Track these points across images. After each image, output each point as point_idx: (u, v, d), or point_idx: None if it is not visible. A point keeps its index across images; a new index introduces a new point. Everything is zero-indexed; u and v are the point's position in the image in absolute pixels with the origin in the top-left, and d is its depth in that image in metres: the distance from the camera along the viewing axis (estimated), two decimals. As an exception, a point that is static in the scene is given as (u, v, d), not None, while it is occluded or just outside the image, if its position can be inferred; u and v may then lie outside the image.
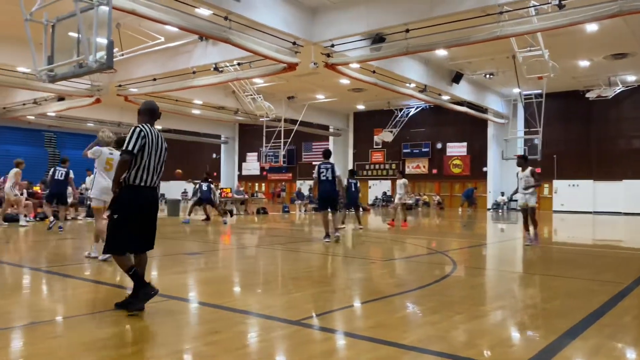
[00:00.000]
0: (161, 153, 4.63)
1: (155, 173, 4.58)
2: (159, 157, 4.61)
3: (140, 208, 4.55)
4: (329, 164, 10.33)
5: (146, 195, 4.56)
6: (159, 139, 4.61)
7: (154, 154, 4.54)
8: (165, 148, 4.72)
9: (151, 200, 4.62)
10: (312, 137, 35.74)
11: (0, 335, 3.91)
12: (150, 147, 4.50)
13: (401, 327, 4.23)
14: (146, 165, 4.50)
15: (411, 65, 20.49)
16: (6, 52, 17.63)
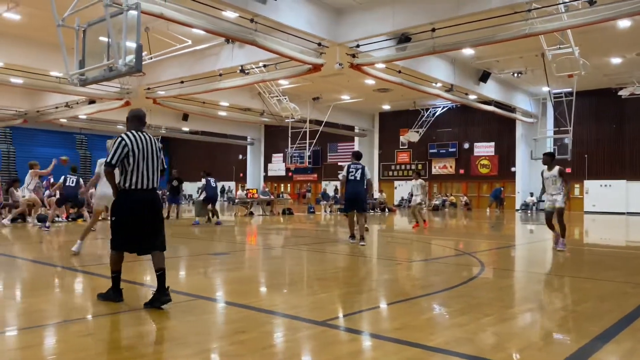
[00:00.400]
0: (151, 155, 4.75)
1: (147, 175, 4.71)
2: (150, 160, 4.74)
3: (131, 211, 4.69)
4: (359, 165, 10.09)
5: (138, 197, 4.69)
6: (147, 143, 4.74)
7: (142, 158, 4.67)
8: (157, 149, 4.83)
9: (145, 202, 4.73)
10: (338, 137, 35.72)
11: (34, 333, 4.02)
12: (136, 153, 4.64)
13: (428, 328, 4.19)
14: (134, 169, 4.65)
15: (437, 65, 20.30)
16: (40, 57, 18.14)
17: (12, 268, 7.23)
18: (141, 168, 4.67)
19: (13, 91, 24.97)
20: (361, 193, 10.02)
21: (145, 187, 4.70)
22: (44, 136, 37.15)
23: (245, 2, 12.64)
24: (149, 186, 4.73)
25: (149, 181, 4.73)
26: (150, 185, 4.74)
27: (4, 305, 5.02)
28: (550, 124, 27.07)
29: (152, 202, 4.79)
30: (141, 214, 4.71)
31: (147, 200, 4.75)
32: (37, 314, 4.62)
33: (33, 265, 7.38)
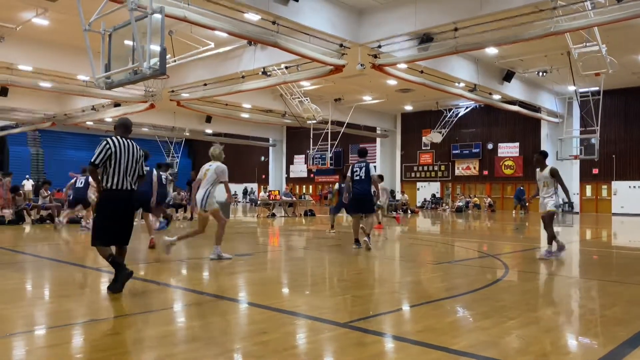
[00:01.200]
0: (131, 159, 5.33)
1: (126, 177, 5.30)
2: (130, 163, 5.32)
3: (113, 208, 5.30)
4: (362, 162, 9.35)
5: (119, 197, 5.29)
6: (129, 148, 5.35)
7: (123, 161, 5.26)
8: (138, 156, 5.43)
9: (124, 201, 5.33)
10: (359, 139, 35.64)
11: (62, 332, 4.11)
12: (117, 156, 5.23)
13: (451, 331, 4.15)
14: (116, 171, 5.23)
15: (460, 64, 20.11)
16: (67, 62, 18.54)
17: (47, 268, 7.39)
18: (122, 170, 5.24)
19: (42, 95, 25.58)
20: (368, 193, 9.36)
21: (123, 187, 5.27)
22: (72, 139, 37.95)
23: (267, 4, 12.72)
24: (127, 187, 5.31)
25: (127, 183, 5.31)
26: (128, 186, 5.32)
27: (33, 305, 5.14)
28: (577, 124, 26.57)
29: (128, 202, 5.38)
30: (121, 212, 5.33)
31: (125, 200, 5.34)
32: (65, 314, 4.72)
33: (60, 266, 7.54)
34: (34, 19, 15.53)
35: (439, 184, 34.05)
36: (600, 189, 28.44)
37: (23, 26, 16.16)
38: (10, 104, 25.95)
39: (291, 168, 41.81)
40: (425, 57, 16.52)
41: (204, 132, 36.46)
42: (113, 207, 5.31)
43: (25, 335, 4.00)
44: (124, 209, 5.37)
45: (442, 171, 33.87)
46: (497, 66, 22.04)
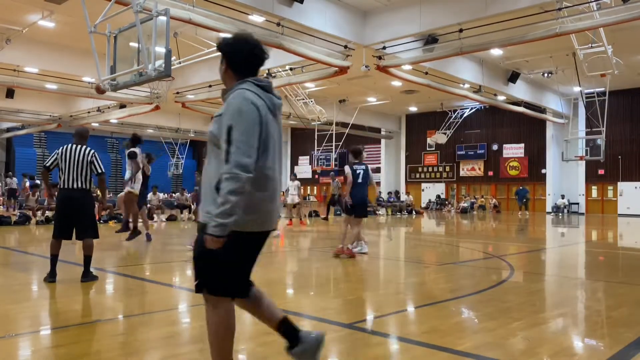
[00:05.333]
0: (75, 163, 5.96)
1: (70, 178, 5.94)
2: (74, 166, 5.96)
3: (61, 204, 6.04)
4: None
5: (64, 194, 5.99)
6: (77, 153, 5.99)
7: (66, 165, 5.94)
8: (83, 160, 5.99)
9: (68, 198, 5.99)
10: (364, 140, 35.58)
11: (67, 332, 4.13)
12: (63, 160, 5.96)
13: (456, 332, 4.14)
14: (62, 172, 5.96)
15: (465, 66, 20.07)
16: (73, 63, 18.62)
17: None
18: (66, 171, 5.96)
19: (48, 97, 25.69)
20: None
21: (68, 186, 5.95)
22: (77, 140, 38.06)
23: (272, 6, 12.74)
24: (71, 185, 5.94)
25: (74, 181, 5.95)
26: (71, 185, 5.95)
27: (38, 305, 5.17)
28: (582, 125, 26.48)
29: (73, 198, 6.00)
30: (67, 207, 6.00)
31: (71, 197, 5.99)
32: (71, 314, 4.75)
33: (65, 266, 7.57)
34: (40, 21, 15.60)
35: (444, 185, 33.98)
36: (606, 189, 28.30)
37: (29, 28, 16.24)
38: (17, 106, 26.09)
39: (296, 169, 41.83)
40: (430, 59, 16.50)
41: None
42: (60, 202, 6.05)
43: (30, 335, 4.02)
44: (68, 203, 5.99)
45: (447, 172, 33.79)
46: (502, 67, 21.98)
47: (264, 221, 2.60)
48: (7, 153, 36.61)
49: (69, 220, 6.00)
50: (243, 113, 2.43)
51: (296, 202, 17.33)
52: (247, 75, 2.60)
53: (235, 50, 2.62)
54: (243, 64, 2.60)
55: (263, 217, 2.59)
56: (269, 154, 2.55)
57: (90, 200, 6.27)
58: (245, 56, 2.60)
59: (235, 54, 2.62)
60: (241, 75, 2.60)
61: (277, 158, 2.64)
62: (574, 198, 28.76)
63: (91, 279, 6.04)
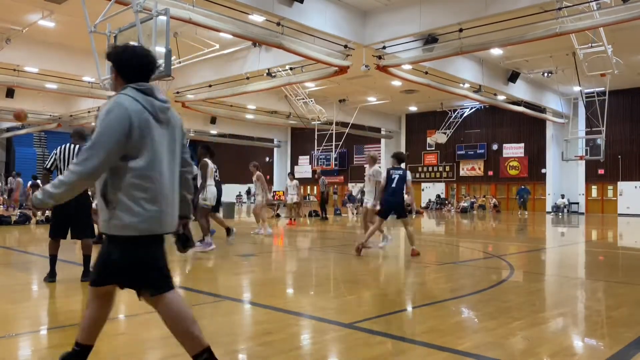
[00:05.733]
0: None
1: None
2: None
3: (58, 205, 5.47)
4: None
5: None
6: (74, 152, 5.98)
7: (65, 165, 5.93)
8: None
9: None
10: (364, 139, 35.63)
11: (67, 332, 4.13)
12: (61, 160, 5.96)
13: (456, 332, 4.14)
14: (61, 172, 5.79)
15: (465, 65, 20.08)
16: (73, 63, 18.63)
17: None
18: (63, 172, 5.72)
19: (48, 96, 25.71)
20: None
21: None
22: (77, 140, 38.05)
23: (272, 6, 12.75)
24: None
25: None
26: None
27: (38, 305, 5.17)
28: (582, 124, 26.50)
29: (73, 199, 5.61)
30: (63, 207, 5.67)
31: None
32: (70, 314, 4.75)
33: (65, 266, 7.57)
34: (40, 21, 15.61)
35: (444, 184, 33.99)
36: (606, 189, 28.31)
37: (29, 28, 16.25)
38: (17, 105, 26.01)
39: (296, 169, 41.82)
40: (430, 58, 16.52)
41: (209, 133, 36.52)
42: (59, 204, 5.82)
43: (30, 335, 4.02)
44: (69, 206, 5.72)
45: (447, 172, 33.81)
46: (502, 67, 21.99)
47: (146, 225, 2.58)
48: (7, 153, 36.61)
49: (66, 221, 6.00)
50: (109, 115, 2.50)
51: (295, 202, 17.40)
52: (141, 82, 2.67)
53: (122, 59, 2.70)
54: (131, 73, 2.68)
55: (144, 221, 2.56)
56: (148, 156, 2.56)
57: (87, 200, 6.25)
58: (133, 65, 2.68)
59: (123, 63, 2.70)
60: (127, 83, 2.67)
61: (166, 159, 2.66)
62: (574, 198, 28.78)
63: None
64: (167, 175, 2.65)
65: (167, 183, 2.65)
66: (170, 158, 2.69)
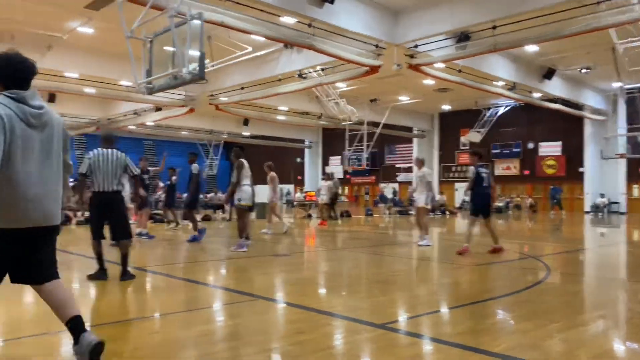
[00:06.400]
0: (110, 166, 6.16)
1: (106, 181, 6.13)
2: (110, 170, 6.16)
3: (98, 207, 6.17)
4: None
5: (101, 198, 6.13)
6: (108, 156, 6.20)
7: (101, 169, 6.11)
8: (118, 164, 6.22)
9: (105, 201, 6.15)
10: (396, 139, 35.37)
11: (105, 329, 4.26)
12: (97, 164, 6.13)
13: (491, 334, 4.08)
14: (97, 176, 6.11)
15: (499, 63, 19.70)
16: (110, 68, 19.13)
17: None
18: (102, 175, 6.12)
19: (86, 100, 26.47)
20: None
21: (104, 189, 6.11)
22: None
23: (303, 7, 12.80)
24: (107, 189, 6.13)
25: (107, 185, 6.13)
26: (108, 188, 6.13)
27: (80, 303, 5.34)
28: (623, 121, 25.62)
29: (111, 201, 6.18)
30: (105, 210, 6.16)
31: (108, 199, 6.16)
32: (109, 312, 4.89)
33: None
34: (80, 27, 16.09)
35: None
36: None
37: (69, 35, 16.77)
38: (58, 110, 26.52)
39: (327, 169, 41.85)
40: (463, 56, 16.28)
41: (242, 134, 36.94)
42: (96, 206, 6.20)
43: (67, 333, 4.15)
44: (106, 207, 6.16)
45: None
46: (538, 63, 21.47)
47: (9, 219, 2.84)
48: (48, 156, 37.89)
49: (105, 222, 6.24)
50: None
51: (326, 202, 17.37)
52: (12, 88, 2.88)
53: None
54: (6, 79, 2.89)
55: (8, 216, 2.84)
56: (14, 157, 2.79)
57: (123, 201, 6.47)
58: (8, 72, 2.90)
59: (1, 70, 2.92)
60: (6, 89, 2.88)
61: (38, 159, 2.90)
62: (614, 197, 27.86)
63: (129, 278, 6.18)
64: (36, 174, 2.90)
65: (36, 181, 2.90)
66: (44, 158, 2.95)
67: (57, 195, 3.07)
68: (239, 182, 9.13)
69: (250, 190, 9.24)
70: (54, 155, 3.01)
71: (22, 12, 14.90)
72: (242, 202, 9.19)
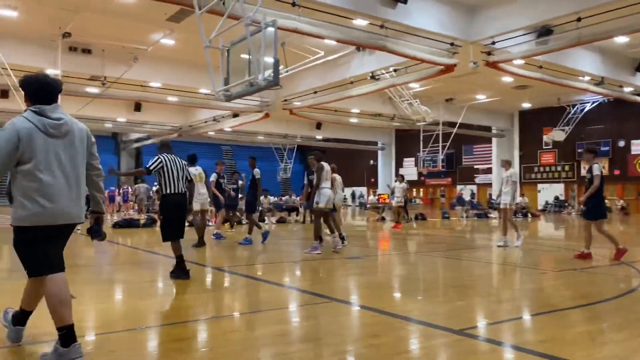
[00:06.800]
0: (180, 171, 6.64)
1: (180, 184, 6.57)
2: (180, 173, 6.63)
3: (175, 207, 6.57)
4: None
5: (177, 199, 6.56)
6: (175, 161, 6.64)
7: (172, 172, 6.53)
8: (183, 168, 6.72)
9: (180, 202, 6.61)
10: (473, 139, 34.31)
11: (186, 327, 4.45)
12: (169, 168, 6.52)
13: (578, 343, 3.85)
14: (170, 179, 6.51)
15: (584, 56, 18.57)
16: (190, 77, 20.07)
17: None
18: (174, 178, 6.56)
19: (169, 109, 27.93)
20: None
21: (177, 191, 6.56)
22: (195, 148, 40.71)
23: (375, 9, 12.75)
24: (180, 191, 6.60)
25: (180, 187, 6.59)
26: (180, 190, 6.59)
27: (163, 301, 5.62)
28: None
29: (181, 203, 6.65)
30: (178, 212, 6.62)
31: (180, 201, 6.62)
32: (190, 310, 5.11)
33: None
34: (162, 39, 17.01)
35: (563, 185, 31.68)
36: None
37: (153, 47, 17.78)
38: (143, 118, 28.65)
39: (400, 171, 41.34)
40: (544, 51, 15.49)
41: (315, 138, 37.38)
42: (175, 207, 6.59)
43: (156, 329, 4.38)
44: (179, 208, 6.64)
45: (566, 172, 31.47)
46: (628, 56, 20.02)
47: (37, 217, 3.17)
48: (136, 161, 40.25)
49: (180, 224, 6.68)
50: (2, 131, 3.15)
51: (400, 204, 17.07)
52: (39, 104, 3.29)
53: (26, 86, 3.36)
54: (34, 96, 3.32)
55: (35, 214, 3.16)
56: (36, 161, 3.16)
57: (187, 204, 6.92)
58: (33, 90, 3.33)
59: (27, 89, 3.36)
60: (34, 104, 3.30)
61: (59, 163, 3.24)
62: None
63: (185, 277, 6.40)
64: (61, 176, 3.24)
65: (60, 183, 3.23)
66: (67, 162, 3.29)
67: (80, 197, 3.39)
68: (319, 185, 9.29)
69: (329, 193, 9.36)
70: (77, 160, 3.36)
71: (112, 27, 15.98)
72: (320, 205, 9.29)
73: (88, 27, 15.82)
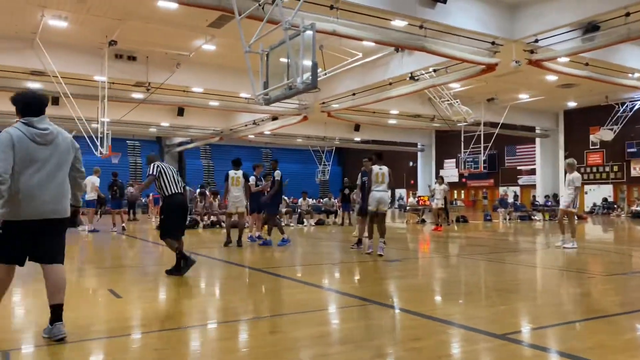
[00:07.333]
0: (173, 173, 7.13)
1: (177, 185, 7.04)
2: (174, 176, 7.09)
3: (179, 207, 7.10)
4: None
5: (180, 199, 7.09)
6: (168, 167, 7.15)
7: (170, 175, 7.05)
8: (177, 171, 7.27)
9: (181, 202, 7.12)
10: (516, 140, 33.48)
11: (228, 327, 4.53)
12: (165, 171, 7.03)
13: (629, 350, 3.70)
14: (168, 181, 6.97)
15: (633, 52, 17.84)
16: (231, 82, 20.41)
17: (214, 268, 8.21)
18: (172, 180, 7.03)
19: (211, 113, 28.48)
20: None
21: (178, 191, 7.02)
22: (236, 151, 41.47)
23: (414, 9, 12.64)
24: (180, 190, 7.08)
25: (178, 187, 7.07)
26: (180, 190, 7.07)
27: (205, 301, 5.74)
28: None
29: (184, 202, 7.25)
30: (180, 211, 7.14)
31: (183, 201, 7.19)
32: (232, 310, 5.19)
33: (227, 266, 8.29)
34: (204, 45, 17.37)
35: (612, 186, 30.50)
36: None
37: (195, 53, 18.18)
38: (186, 122, 29.33)
39: (441, 173, 40.74)
40: (591, 48, 14.98)
41: (353, 140, 37.33)
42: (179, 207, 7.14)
43: (197, 328, 4.48)
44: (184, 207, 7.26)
45: (615, 172, 30.28)
46: (682, 50, 19.11)
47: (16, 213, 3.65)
48: (179, 164, 41.23)
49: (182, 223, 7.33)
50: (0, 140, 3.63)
51: (440, 207, 16.84)
52: (29, 116, 3.78)
53: (17, 102, 3.84)
54: (24, 110, 3.82)
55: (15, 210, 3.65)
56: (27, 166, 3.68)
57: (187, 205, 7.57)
58: (24, 105, 3.82)
59: (18, 105, 3.84)
60: (24, 117, 3.79)
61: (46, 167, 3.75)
62: None
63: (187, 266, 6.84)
64: (44, 178, 3.73)
65: (44, 183, 3.72)
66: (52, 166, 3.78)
67: (63, 195, 3.86)
68: (370, 188, 9.39)
69: (377, 195, 9.39)
70: (62, 164, 3.86)
71: (155, 34, 16.44)
72: (371, 207, 9.43)
73: (133, 35, 16.32)
